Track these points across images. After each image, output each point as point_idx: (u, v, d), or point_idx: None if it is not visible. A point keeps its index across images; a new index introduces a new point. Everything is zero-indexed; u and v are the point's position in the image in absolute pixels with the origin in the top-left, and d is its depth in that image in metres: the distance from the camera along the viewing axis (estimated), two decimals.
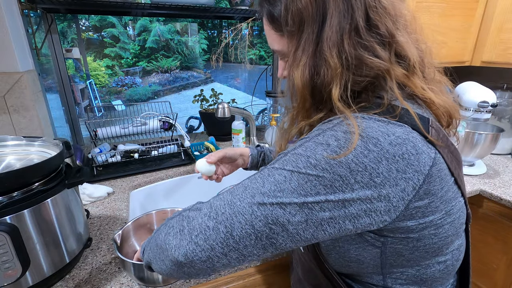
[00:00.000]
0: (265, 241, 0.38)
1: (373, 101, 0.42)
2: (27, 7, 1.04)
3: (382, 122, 0.38)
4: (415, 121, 0.39)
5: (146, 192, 1.08)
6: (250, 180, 0.41)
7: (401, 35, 0.42)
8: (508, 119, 1.43)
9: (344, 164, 0.36)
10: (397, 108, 0.40)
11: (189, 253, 0.40)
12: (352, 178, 0.35)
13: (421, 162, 0.37)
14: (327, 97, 0.42)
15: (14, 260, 0.51)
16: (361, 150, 0.36)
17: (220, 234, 0.39)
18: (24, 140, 0.67)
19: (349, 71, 0.41)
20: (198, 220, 0.42)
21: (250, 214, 0.38)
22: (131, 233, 0.70)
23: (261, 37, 5.27)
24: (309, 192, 0.36)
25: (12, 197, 0.53)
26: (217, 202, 0.42)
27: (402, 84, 0.43)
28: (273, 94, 1.53)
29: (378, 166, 0.35)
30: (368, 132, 0.37)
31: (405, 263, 0.44)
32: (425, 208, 0.39)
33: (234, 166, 0.84)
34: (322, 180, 0.36)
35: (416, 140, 0.38)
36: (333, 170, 0.36)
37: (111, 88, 9.04)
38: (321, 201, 0.36)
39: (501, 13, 1.29)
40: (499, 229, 1.13)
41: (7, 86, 0.98)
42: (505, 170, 1.24)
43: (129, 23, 10.15)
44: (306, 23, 0.42)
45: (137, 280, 0.60)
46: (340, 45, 0.40)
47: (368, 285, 0.48)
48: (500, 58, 1.32)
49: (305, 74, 0.43)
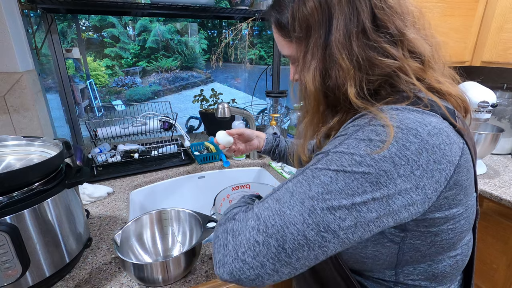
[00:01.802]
0: (317, 251, 0.36)
1: (398, 95, 0.42)
2: (27, 7, 1.04)
3: (417, 113, 0.38)
4: (443, 110, 0.39)
5: (146, 192, 1.08)
6: (294, 183, 0.38)
7: (411, 32, 0.42)
8: (508, 119, 1.43)
9: (388, 158, 0.35)
10: (424, 99, 0.40)
11: (235, 272, 0.37)
12: (395, 173, 0.35)
13: (453, 152, 0.37)
14: (343, 98, 0.42)
15: (14, 260, 0.51)
16: (403, 143, 0.35)
17: (271, 249, 0.36)
18: (24, 140, 0.67)
19: (361, 71, 0.41)
20: (246, 234, 0.38)
21: (302, 223, 0.35)
22: (131, 233, 0.70)
23: (261, 37, 5.27)
24: (356, 191, 0.35)
25: (12, 197, 0.53)
26: (265, 213, 0.38)
27: (420, 77, 0.43)
28: (273, 94, 1.53)
29: (419, 158, 0.35)
30: (406, 123, 0.36)
31: (420, 258, 0.44)
32: (452, 199, 0.39)
33: (249, 145, 0.89)
34: (368, 177, 0.35)
35: (448, 129, 0.38)
36: (378, 165, 0.35)
37: (111, 88, 9.03)
38: (368, 200, 0.35)
39: (501, 13, 1.29)
40: (499, 229, 1.12)
41: (7, 86, 0.98)
42: (505, 170, 1.24)
43: (129, 23, 10.15)
44: (313, 29, 0.43)
45: (137, 280, 0.60)
46: (349, 48, 0.41)
47: (379, 281, 0.48)
48: (500, 58, 1.32)
49: (316, 78, 0.43)
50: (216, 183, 1.26)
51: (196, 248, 0.64)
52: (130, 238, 0.70)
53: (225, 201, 0.80)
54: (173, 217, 0.76)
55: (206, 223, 0.67)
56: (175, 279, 0.63)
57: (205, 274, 0.66)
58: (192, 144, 1.33)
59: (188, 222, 0.75)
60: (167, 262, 0.59)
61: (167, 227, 0.76)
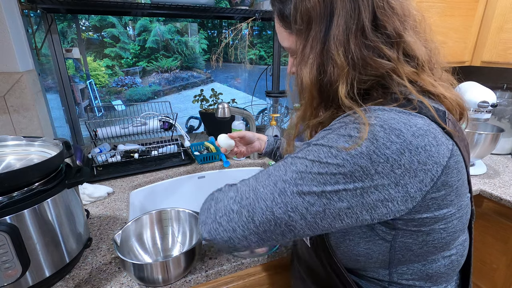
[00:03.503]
0: (284, 228, 0.40)
1: (389, 97, 0.42)
2: (27, 7, 1.04)
3: (403, 114, 0.38)
4: (432, 113, 0.40)
5: (146, 192, 1.08)
6: (274, 167, 0.43)
7: (409, 35, 0.42)
8: (508, 119, 1.43)
9: (365, 155, 0.36)
10: (414, 101, 0.40)
11: (212, 232, 0.45)
12: (372, 169, 0.36)
13: (440, 153, 0.37)
14: (334, 95, 0.43)
15: (14, 260, 0.51)
16: (383, 142, 0.36)
17: (242, 218, 0.42)
18: (24, 140, 0.67)
19: (355, 70, 0.41)
20: (224, 202, 0.45)
21: (271, 200, 0.40)
22: (131, 233, 0.70)
23: (261, 37, 5.27)
24: (328, 181, 0.37)
25: (12, 197, 0.53)
26: (243, 188, 0.44)
27: (413, 80, 0.43)
28: (273, 94, 1.53)
29: (401, 158, 0.36)
30: (390, 123, 0.37)
31: (413, 258, 0.44)
32: (441, 200, 0.39)
33: (251, 148, 0.90)
34: (342, 169, 0.37)
35: (436, 131, 0.38)
36: (354, 160, 0.36)
37: (111, 88, 9.03)
38: (339, 190, 0.37)
39: (501, 13, 1.29)
40: (499, 229, 1.13)
41: (7, 86, 0.98)
42: (505, 170, 1.24)
43: (129, 23, 10.14)
44: (314, 22, 0.43)
45: (137, 280, 0.60)
46: (346, 45, 0.41)
47: (373, 280, 0.49)
48: (500, 58, 1.32)
49: (313, 72, 0.44)
50: (216, 183, 1.25)
51: (196, 248, 0.64)
52: (130, 238, 0.70)
53: None
54: (173, 217, 0.76)
55: None
56: (175, 279, 0.63)
57: (205, 274, 0.66)
58: (192, 144, 1.33)
59: (188, 222, 0.75)
60: (167, 262, 0.59)
61: (167, 227, 0.76)
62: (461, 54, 1.40)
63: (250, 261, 0.71)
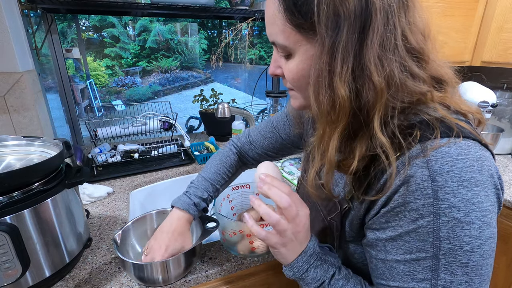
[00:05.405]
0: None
1: (425, 128, 0.37)
2: (27, 7, 1.04)
3: (468, 150, 0.35)
4: (477, 136, 0.37)
5: (146, 192, 1.08)
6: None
7: (433, 55, 0.39)
8: (508, 119, 1.43)
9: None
10: (452, 125, 0.36)
11: None
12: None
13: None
14: (365, 124, 0.37)
15: (14, 260, 0.51)
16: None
17: None
18: (24, 140, 0.67)
19: (395, 95, 0.36)
20: None
21: None
22: (131, 233, 0.70)
23: (261, 37, 5.26)
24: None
25: (12, 197, 0.53)
26: None
27: (442, 103, 0.40)
28: (273, 94, 1.53)
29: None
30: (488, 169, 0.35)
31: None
32: None
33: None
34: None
35: (489, 155, 0.37)
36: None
37: (111, 88, 9.03)
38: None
39: (501, 13, 1.29)
40: (499, 229, 1.12)
41: (7, 86, 0.98)
42: (505, 170, 1.24)
43: (129, 23, 10.14)
44: (345, 27, 0.33)
45: (137, 280, 0.60)
46: (384, 62, 0.34)
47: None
48: (500, 58, 1.32)
49: (346, 91, 0.35)
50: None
51: (196, 248, 0.64)
52: (130, 238, 0.70)
53: (225, 201, 0.80)
54: None
55: (206, 223, 0.67)
56: (175, 279, 0.63)
57: (205, 274, 0.66)
58: (192, 144, 1.33)
59: None
60: (167, 262, 0.59)
61: None
62: (461, 54, 1.40)
63: (250, 261, 0.71)
